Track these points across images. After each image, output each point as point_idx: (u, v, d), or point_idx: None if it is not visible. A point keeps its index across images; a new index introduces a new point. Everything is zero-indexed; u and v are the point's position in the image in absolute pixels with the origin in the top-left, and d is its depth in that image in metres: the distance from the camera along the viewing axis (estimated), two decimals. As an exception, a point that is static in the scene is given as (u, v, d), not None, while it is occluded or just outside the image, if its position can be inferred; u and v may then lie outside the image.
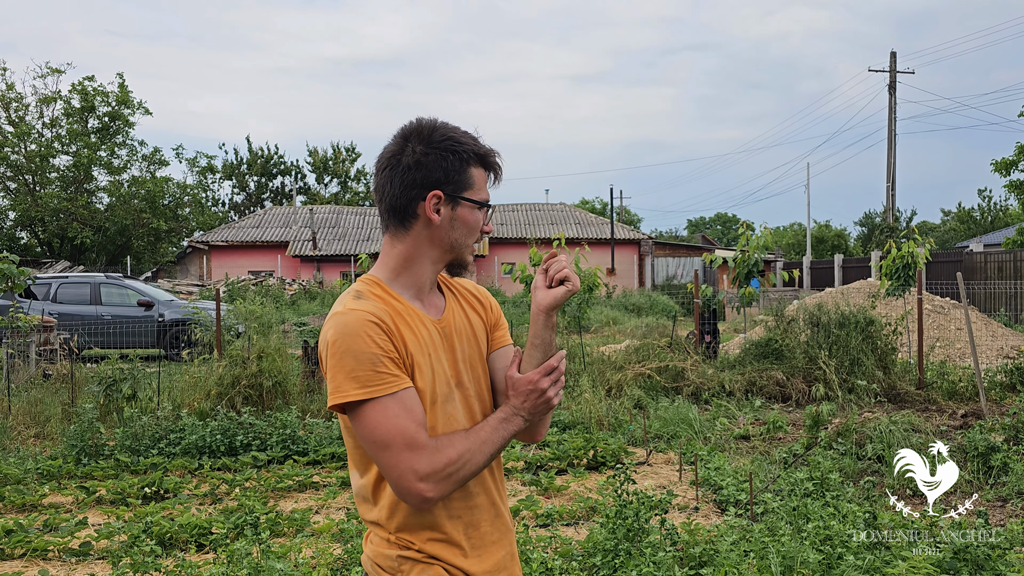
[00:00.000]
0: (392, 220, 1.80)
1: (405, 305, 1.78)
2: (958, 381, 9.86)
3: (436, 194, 1.76)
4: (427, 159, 1.76)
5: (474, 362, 1.87)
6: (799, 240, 56.29)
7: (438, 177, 1.76)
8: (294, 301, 27.77)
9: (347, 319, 1.68)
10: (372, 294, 1.77)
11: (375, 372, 1.64)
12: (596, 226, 39.88)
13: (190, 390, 8.97)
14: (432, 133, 1.78)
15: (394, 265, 1.82)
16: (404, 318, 1.75)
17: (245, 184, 53.31)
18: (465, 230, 1.81)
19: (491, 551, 1.81)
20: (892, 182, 33.66)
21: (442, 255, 1.82)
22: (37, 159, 36.30)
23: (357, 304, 1.71)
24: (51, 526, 5.52)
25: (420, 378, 1.73)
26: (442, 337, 1.82)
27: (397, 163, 1.77)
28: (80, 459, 7.29)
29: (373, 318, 1.67)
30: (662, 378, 9.99)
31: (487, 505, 1.82)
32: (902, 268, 11.59)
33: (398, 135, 1.80)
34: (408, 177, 1.76)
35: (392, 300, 1.77)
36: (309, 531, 5.30)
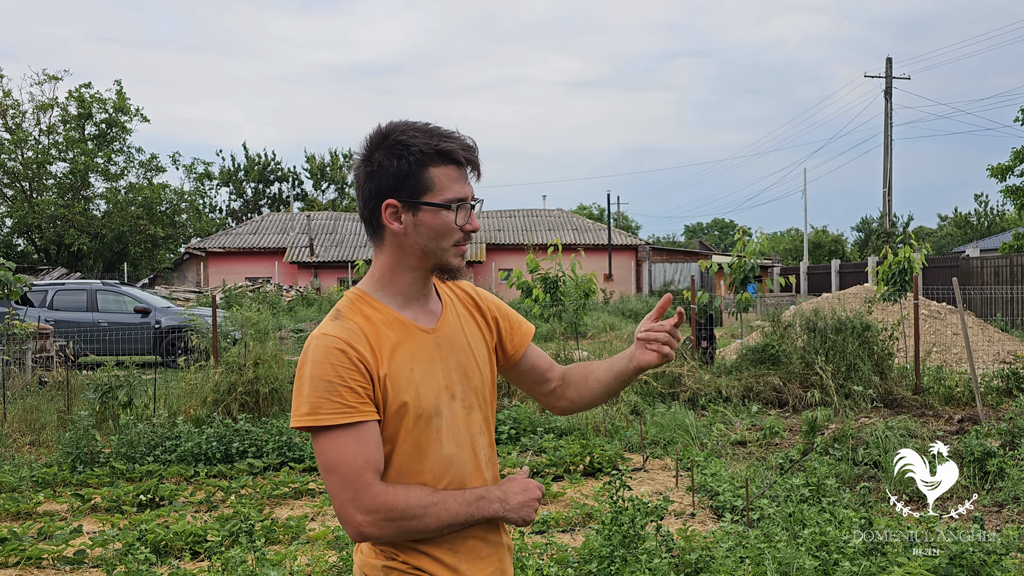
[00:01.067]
0: (368, 232, 1.79)
1: (391, 315, 1.75)
2: (954, 386, 9.86)
3: (390, 203, 1.71)
4: (379, 168, 1.70)
5: (469, 372, 1.83)
6: (796, 245, 56.39)
7: (390, 185, 1.70)
8: (291, 307, 27.77)
9: (317, 344, 1.66)
10: (352, 311, 1.73)
11: (330, 401, 1.62)
12: (593, 232, 39.92)
13: (186, 397, 8.95)
14: (387, 138, 1.71)
15: (378, 276, 1.79)
16: (387, 332, 1.72)
17: (242, 190, 53.35)
18: (432, 235, 1.72)
19: (480, 565, 1.77)
20: (889, 187, 33.73)
21: (419, 262, 1.76)
22: (34, 166, 36.32)
23: (331, 328, 1.68)
24: (46, 534, 5.49)
25: (401, 393, 1.69)
26: (435, 347, 1.78)
27: (359, 176, 1.75)
28: (75, 466, 7.27)
29: (342, 345, 1.64)
30: (659, 384, 9.99)
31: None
32: (898, 273, 11.60)
33: (361, 148, 1.76)
34: (366, 189, 1.73)
35: (375, 313, 1.74)
36: (305, 538, 5.29)
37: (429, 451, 1.72)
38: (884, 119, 33.85)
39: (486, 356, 1.90)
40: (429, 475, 1.72)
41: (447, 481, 1.74)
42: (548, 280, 10.74)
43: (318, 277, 35.69)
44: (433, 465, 1.73)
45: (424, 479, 1.72)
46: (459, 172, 1.74)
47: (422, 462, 1.72)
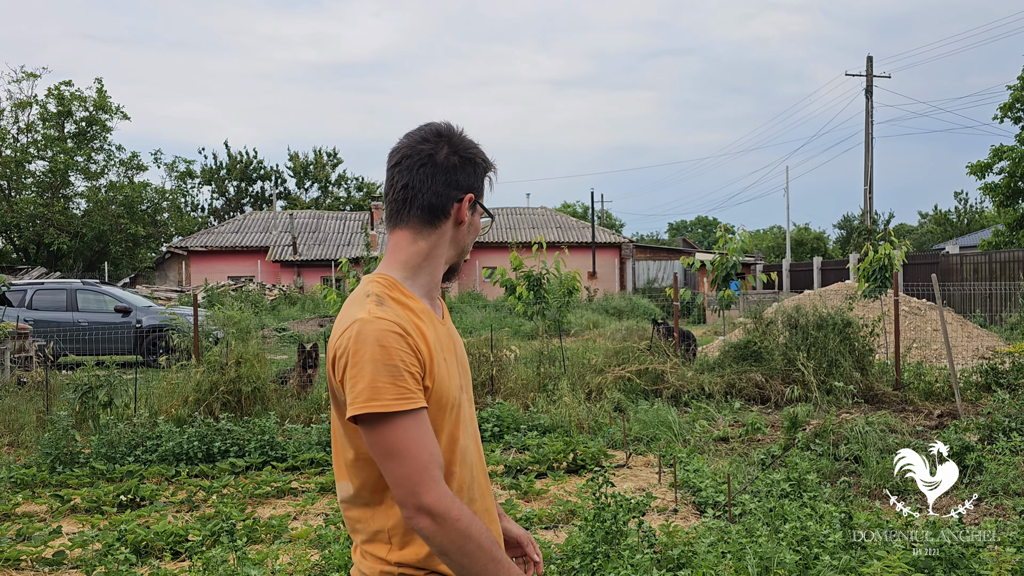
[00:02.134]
0: (421, 217, 1.79)
1: (421, 306, 1.77)
2: (934, 382, 9.95)
3: (471, 197, 1.82)
4: (463, 164, 1.81)
5: (465, 366, 1.91)
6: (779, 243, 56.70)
7: (472, 182, 1.82)
8: (274, 306, 27.63)
9: (372, 328, 1.64)
10: (392, 299, 1.73)
11: (396, 386, 1.61)
12: (577, 230, 39.96)
13: (167, 396, 8.89)
14: (460, 140, 1.83)
15: (414, 263, 1.81)
16: (423, 320, 1.74)
17: (224, 189, 53.02)
18: (473, 234, 1.87)
19: None
20: (870, 185, 33.96)
21: (453, 256, 1.87)
22: (12, 164, 35.91)
23: (381, 312, 1.67)
24: (24, 535, 5.45)
25: (439, 382, 1.71)
26: (449, 339, 1.84)
27: (435, 163, 1.78)
28: (55, 467, 7.21)
29: (399, 329, 1.65)
30: (642, 381, 10.02)
31: (483, 511, 1.83)
32: (879, 270, 11.68)
33: (426, 136, 1.81)
34: (450, 177, 1.79)
35: (410, 302, 1.76)
36: (287, 537, 5.27)
37: (457, 441, 1.76)
38: (865, 117, 34.07)
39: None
40: (457, 464, 1.76)
41: (468, 471, 1.79)
42: (532, 278, 10.73)
43: (301, 276, 35.53)
44: (460, 455, 1.77)
45: (454, 468, 1.75)
46: (492, 183, 1.92)
47: (453, 452, 1.75)
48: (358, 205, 52.90)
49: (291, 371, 10.50)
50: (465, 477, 1.78)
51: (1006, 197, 26.99)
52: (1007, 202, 27.22)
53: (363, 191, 55.20)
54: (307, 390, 9.76)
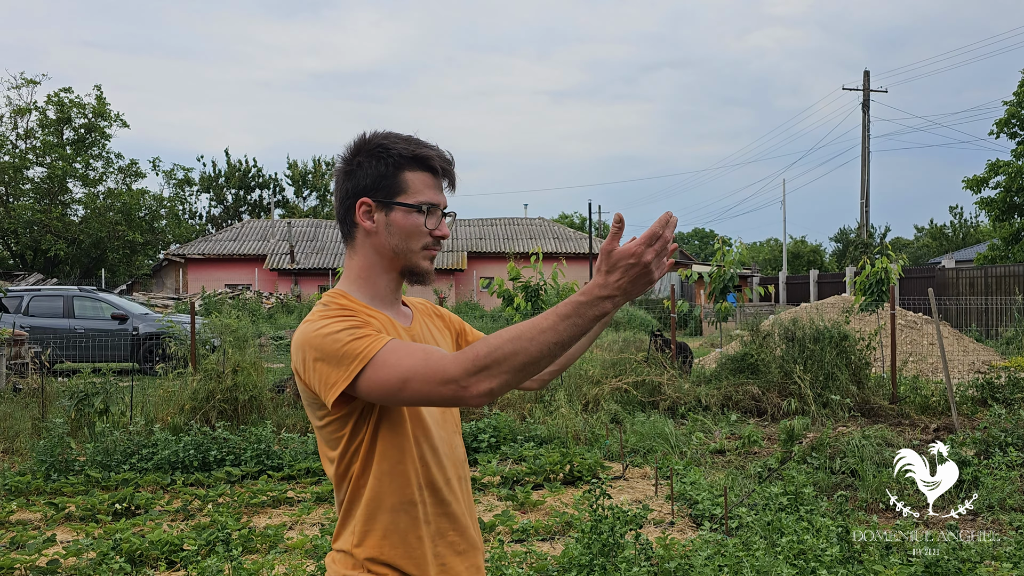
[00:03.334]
0: (342, 233, 1.84)
1: (374, 312, 1.78)
2: (930, 395, 9.96)
3: (364, 201, 1.76)
4: (359, 168, 1.77)
5: None
6: (775, 255, 56.78)
7: (366, 184, 1.76)
8: (271, 315, 27.60)
9: (316, 317, 1.69)
10: (339, 305, 1.76)
11: (361, 340, 1.60)
12: (575, 240, 40.01)
13: (163, 404, 8.87)
14: (368, 142, 1.78)
15: (353, 277, 1.83)
16: (377, 322, 1.75)
17: (223, 197, 53.00)
18: (402, 235, 1.76)
19: (457, 562, 1.78)
20: (866, 199, 34.06)
21: (390, 263, 1.80)
22: (11, 170, 35.90)
23: (325, 310, 1.72)
24: (18, 543, 5.42)
25: None
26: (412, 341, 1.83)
27: (337, 176, 1.82)
28: (49, 475, 7.18)
29: (344, 312, 1.69)
30: (639, 392, 10.02)
31: (457, 514, 1.80)
32: (876, 284, 11.71)
33: (347, 149, 1.82)
34: (343, 188, 1.79)
35: (360, 308, 1.76)
36: (282, 547, 5.25)
37: (422, 436, 1.75)
38: (862, 131, 34.20)
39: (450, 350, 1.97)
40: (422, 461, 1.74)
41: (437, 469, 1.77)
42: (529, 288, 10.75)
43: (299, 284, 35.51)
44: (427, 450, 1.76)
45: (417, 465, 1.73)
46: (434, 180, 1.79)
47: (417, 447, 1.74)
48: (356, 214, 52.86)
49: (288, 380, 10.49)
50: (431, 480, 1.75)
51: (1002, 212, 27.09)
52: (1003, 217, 27.32)
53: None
54: (304, 399, 9.74)
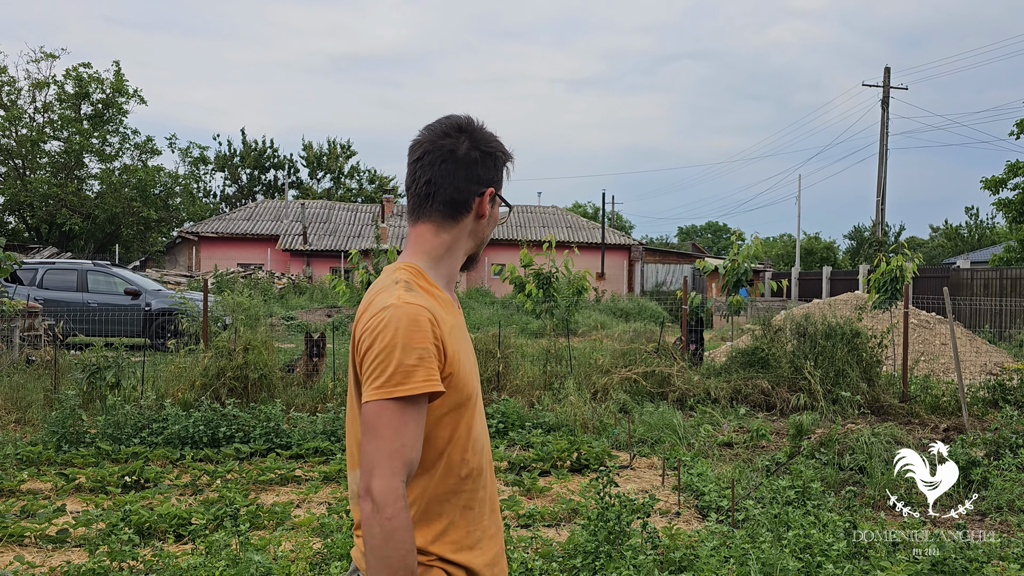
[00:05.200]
0: (443, 211, 1.83)
1: (444, 296, 1.82)
2: (941, 395, 9.91)
3: (491, 192, 1.86)
4: (484, 158, 1.83)
5: (473, 357, 1.93)
6: (788, 251, 56.52)
7: (492, 176, 1.86)
8: (283, 295, 27.69)
9: (403, 313, 1.65)
10: (419, 286, 1.76)
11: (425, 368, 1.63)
12: (587, 230, 39.94)
13: (174, 380, 8.92)
14: (480, 133, 1.85)
15: (436, 254, 1.85)
16: (445, 310, 1.79)
17: (237, 176, 53.13)
18: (494, 225, 1.91)
19: (490, 544, 1.83)
20: (882, 196, 33.84)
21: (472, 247, 1.90)
22: (28, 144, 36.06)
23: (411, 298, 1.69)
24: (29, 512, 5.48)
25: (460, 371, 1.74)
26: (464, 330, 1.88)
27: (455, 158, 1.81)
28: (60, 446, 7.24)
29: (429, 315, 1.67)
30: (648, 383, 10.01)
31: (488, 498, 1.85)
32: (890, 282, 11.65)
33: (447, 130, 1.83)
34: (471, 172, 1.82)
35: (434, 290, 1.80)
36: (289, 524, 5.28)
37: (473, 429, 1.80)
38: (880, 128, 33.93)
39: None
40: (472, 452, 1.79)
41: (481, 459, 1.82)
42: (541, 276, 10.74)
43: (311, 265, 35.60)
44: (475, 443, 1.81)
45: (468, 455, 1.78)
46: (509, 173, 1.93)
47: (469, 439, 1.79)
48: (370, 197, 52.96)
49: (298, 360, 10.53)
50: (477, 465, 1.81)
51: (1019, 213, 26.84)
52: (1020, 218, 27.07)
53: (375, 184, 55.25)
54: (313, 379, 9.78)
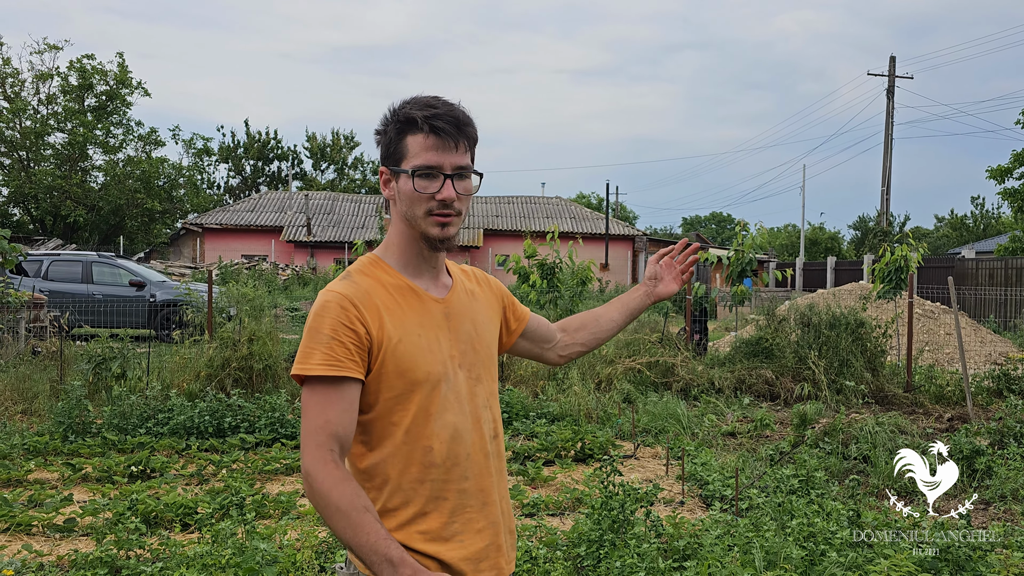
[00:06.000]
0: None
1: (402, 281, 1.79)
2: (946, 385, 9.91)
3: (382, 170, 1.82)
4: (378, 138, 1.82)
5: (477, 345, 1.86)
6: (793, 241, 56.42)
7: (383, 153, 1.81)
8: (287, 286, 27.75)
9: (321, 299, 1.72)
10: (363, 272, 1.78)
11: (320, 352, 1.66)
12: (591, 221, 39.91)
13: (180, 371, 8.94)
14: (391, 109, 1.79)
15: (390, 243, 1.86)
16: (397, 296, 1.76)
17: (241, 168, 53.14)
18: (407, 201, 1.77)
19: (474, 539, 1.78)
20: (887, 186, 33.75)
21: (408, 229, 1.81)
22: (32, 136, 36.09)
23: (338, 286, 1.74)
24: (36, 502, 5.51)
25: (403, 356, 1.71)
26: (445, 317, 1.82)
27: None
28: (67, 436, 7.28)
29: (344, 302, 1.69)
30: (652, 373, 10.02)
31: (475, 491, 1.79)
32: (894, 272, 11.62)
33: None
34: (380, 156, 1.84)
35: (387, 277, 1.79)
36: (295, 514, 5.30)
37: (433, 416, 1.74)
38: (885, 118, 33.82)
39: (495, 333, 1.97)
40: (436, 439, 1.74)
41: (451, 447, 1.76)
42: (545, 266, 10.74)
43: (315, 257, 35.65)
44: (439, 430, 1.75)
45: (430, 443, 1.73)
46: (437, 140, 1.73)
47: (427, 426, 1.74)
48: (373, 189, 52.95)
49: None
50: (447, 455, 1.75)
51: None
52: (1026, 208, 26.96)
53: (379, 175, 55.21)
54: (318, 370, 9.79)
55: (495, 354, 1.94)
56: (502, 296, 2.06)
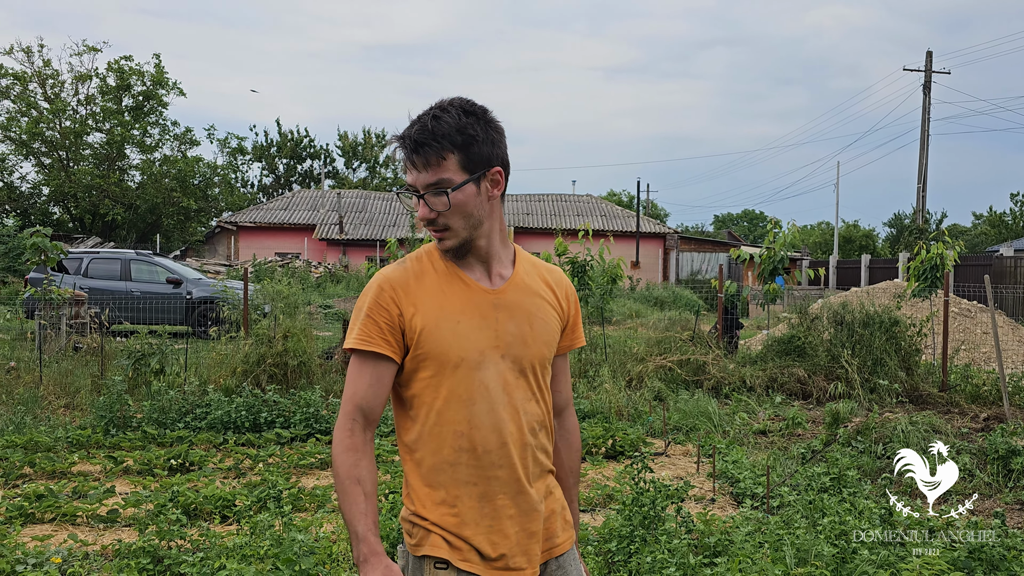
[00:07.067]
0: None
1: (451, 269, 1.87)
2: (982, 384, 9.78)
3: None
4: None
5: (527, 339, 1.88)
6: (826, 239, 55.79)
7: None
8: (319, 284, 27.99)
9: (370, 281, 1.87)
10: (417, 258, 1.90)
11: (358, 327, 1.81)
12: (622, 219, 39.79)
13: (216, 367, 9.11)
14: None
15: None
16: (442, 281, 1.85)
17: (274, 166, 53.68)
18: (420, 217, 1.86)
19: (506, 525, 1.83)
20: (923, 183, 33.26)
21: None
22: (71, 136, 36.79)
23: (388, 268, 1.88)
24: (80, 493, 5.66)
25: (435, 339, 1.80)
26: (493, 307, 1.86)
27: None
28: (108, 430, 7.45)
29: (384, 284, 1.83)
30: (683, 371, 10.01)
31: (509, 480, 1.83)
32: (930, 270, 11.49)
33: None
34: None
35: (439, 265, 1.88)
36: (330, 507, 5.40)
37: (465, 401, 1.81)
38: (922, 114, 33.33)
39: (552, 333, 1.95)
40: (466, 425, 1.81)
41: (483, 435, 1.81)
42: (576, 264, 10.76)
43: (347, 254, 35.91)
44: (470, 416, 1.81)
45: (461, 428, 1.81)
46: (407, 161, 1.83)
47: (459, 411, 1.81)
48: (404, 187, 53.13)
49: (336, 347, 10.69)
50: (480, 442, 1.81)
51: (1066, 200, 26.20)
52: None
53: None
54: (351, 366, 9.91)
55: (547, 352, 1.93)
56: (570, 310, 2.03)
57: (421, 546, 1.82)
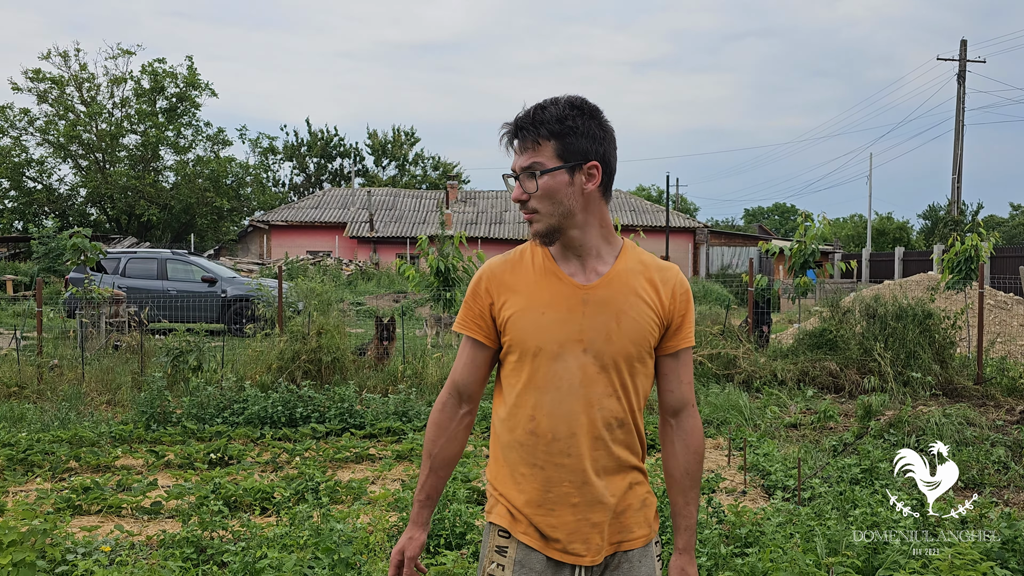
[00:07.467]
0: None
1: (547, 263, 1.96)
2: (1018, 377, 9.68)
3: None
4: None
5: (614, 336, 1.89)
6: (859, 232, 55.16)
7: None
8: (351, 281, 28.25)
9: (477, 271, 2.06)
10: (520, 251, 2.01)
11: (461, 311, 2.03)
12: (651, 213, 39.67)
13: (252, 363, 9.28)
14: None
15: None
16: (537, 274, 1.95)
17: (305, 165, 54.19)
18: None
19: (566, 511, 1.90)
20: (958, 174, 32.77)
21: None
22: (108, 138, 37.44)
23: (491, 259, 2.04)
24: (124, 486, 5.83)
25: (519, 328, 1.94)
26: (582, 302, 1.91)
27: None
28: (149, 425, 7.64)
29: (482, 274, 2.00)
30: (714, 365, 10.02)
31: (575, 469, 1.89)
32: (964, 262, 11.37)
33: None
34: None
35: (535, 259, 1.98)
36: (366, 499, 5.50)
37: (539, 388, 1.92)
38: (956, 103, 32.84)
39: (644, 333, 1.93)
40: (537, 410, 1.92)
41: (553, 423, 1.90)
42: (605, 259, 10.81)
43: (377, 252, 36.17)
44: (543, 403, 1.91)
45: (532, 412, 1.92)
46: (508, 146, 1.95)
47: (532, 396, 1.92)
48: (434, 184, 53.44)
49: (369, 344, 10.82)
50: (548, 428, 1.91)
51: (1106, 189, 25.71)
52: (1107, 195, 25.92)
53: (440, 170, 55.71)
54: (384, 362, 10.05)
55: (635, 351, 1.92)
56: (675, 310, 1.98)
57: (491, 512, 1.99)
